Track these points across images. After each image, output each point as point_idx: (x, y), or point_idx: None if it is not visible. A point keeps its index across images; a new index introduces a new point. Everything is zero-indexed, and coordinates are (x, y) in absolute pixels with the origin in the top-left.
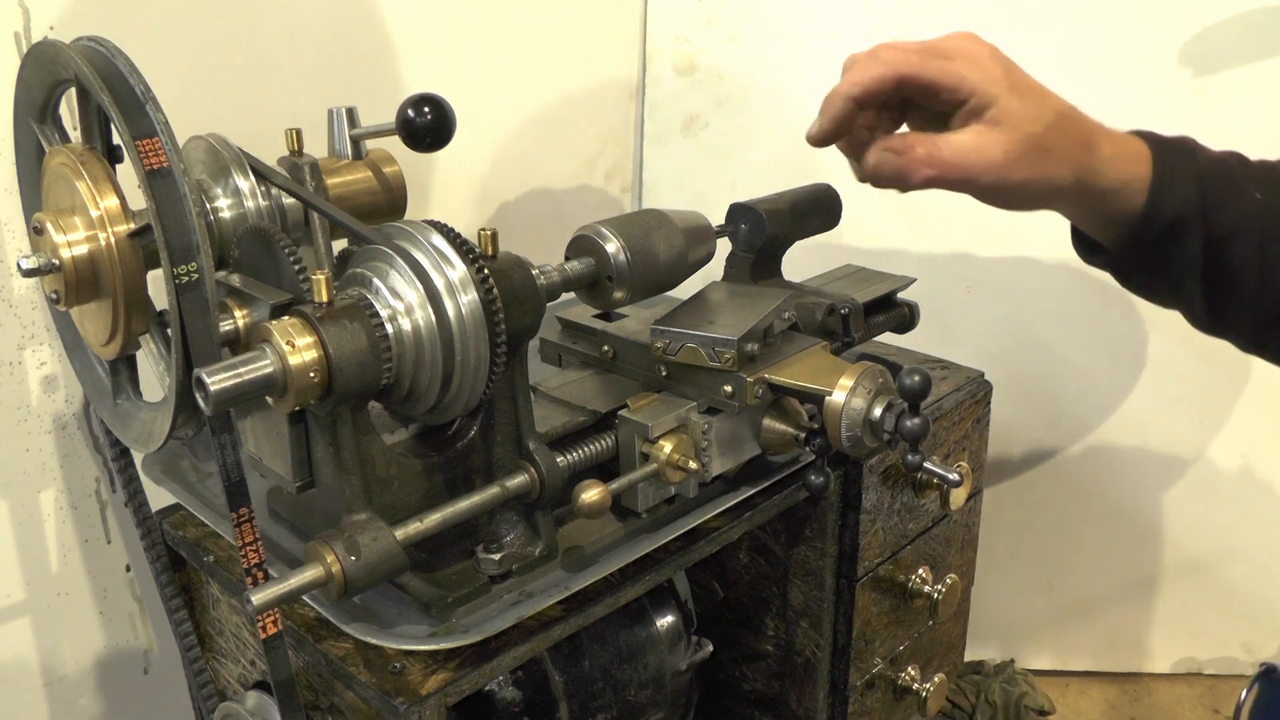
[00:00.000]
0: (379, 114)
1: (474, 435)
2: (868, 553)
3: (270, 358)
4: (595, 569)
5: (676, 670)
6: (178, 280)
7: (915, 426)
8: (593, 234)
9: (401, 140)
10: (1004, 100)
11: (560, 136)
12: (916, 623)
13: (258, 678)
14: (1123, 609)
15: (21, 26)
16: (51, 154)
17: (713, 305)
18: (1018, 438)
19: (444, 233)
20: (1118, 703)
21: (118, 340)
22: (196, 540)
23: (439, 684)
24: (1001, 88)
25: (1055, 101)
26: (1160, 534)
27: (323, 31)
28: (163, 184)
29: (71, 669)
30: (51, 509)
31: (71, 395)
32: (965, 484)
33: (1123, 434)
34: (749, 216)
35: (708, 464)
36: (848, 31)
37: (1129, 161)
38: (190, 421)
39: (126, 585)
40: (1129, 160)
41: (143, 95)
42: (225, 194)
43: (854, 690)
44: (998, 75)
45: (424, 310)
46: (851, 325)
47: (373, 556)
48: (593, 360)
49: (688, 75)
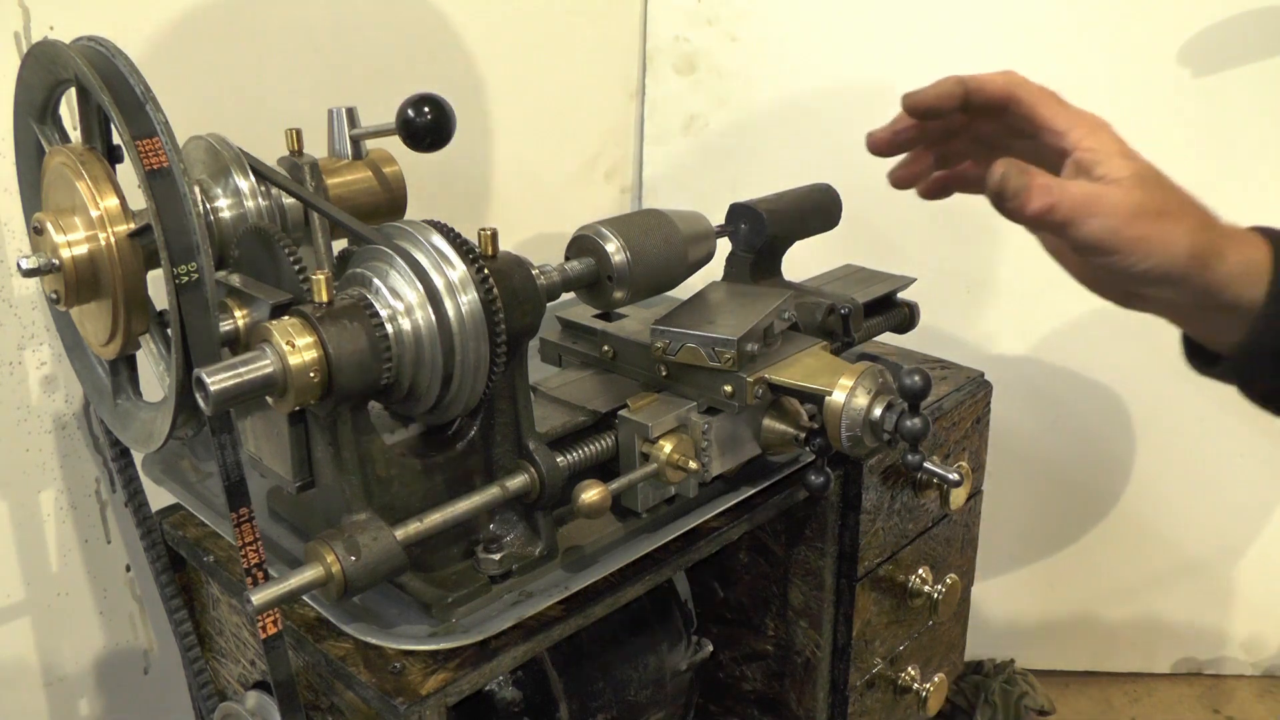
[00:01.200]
0: (379, 114)
1: (474, 435)
2: (868, 553)
3: (270, 358)
4: (595, 569)
5: (676, 670)
6: (178, 280)
7: (915, 426)
8: (593, 234)
9: (401, 140)
10: (1117, 161)
11: (560, 136)
12: (916, 623)
13: (258, 678)
14: (1123, 609)
15: (21, 26)
16: (51, 154)
17: (713, 305)
18: (1018, 438)
19: (444, 233)
20: (1118, 703)
21: (118, 340)
22: (196, 540)
23: (439, 684)
24: (1114, 150)
25: (1170, 182)
26: (1160, 534)
27: (323, 31)
28: (163, 184)
29: (71, 669)
30: (51, 509)
31: (71, 395)
32: (965, 484)
33: (1123, 434)
34: (749, 216)
35: (708, 464)
36: (847, 31)
37: (1247, 246)
38: (190, 421)
39: (126, 585)
40: (1246, 244)
41: (143, 95)
42: (225, 194)
43: (854, 690)
44: (1111, 138)
45: (424, 310)
46: (851, 325)
47: (373, 556)
48: (593, 360)
49: (688, 75)
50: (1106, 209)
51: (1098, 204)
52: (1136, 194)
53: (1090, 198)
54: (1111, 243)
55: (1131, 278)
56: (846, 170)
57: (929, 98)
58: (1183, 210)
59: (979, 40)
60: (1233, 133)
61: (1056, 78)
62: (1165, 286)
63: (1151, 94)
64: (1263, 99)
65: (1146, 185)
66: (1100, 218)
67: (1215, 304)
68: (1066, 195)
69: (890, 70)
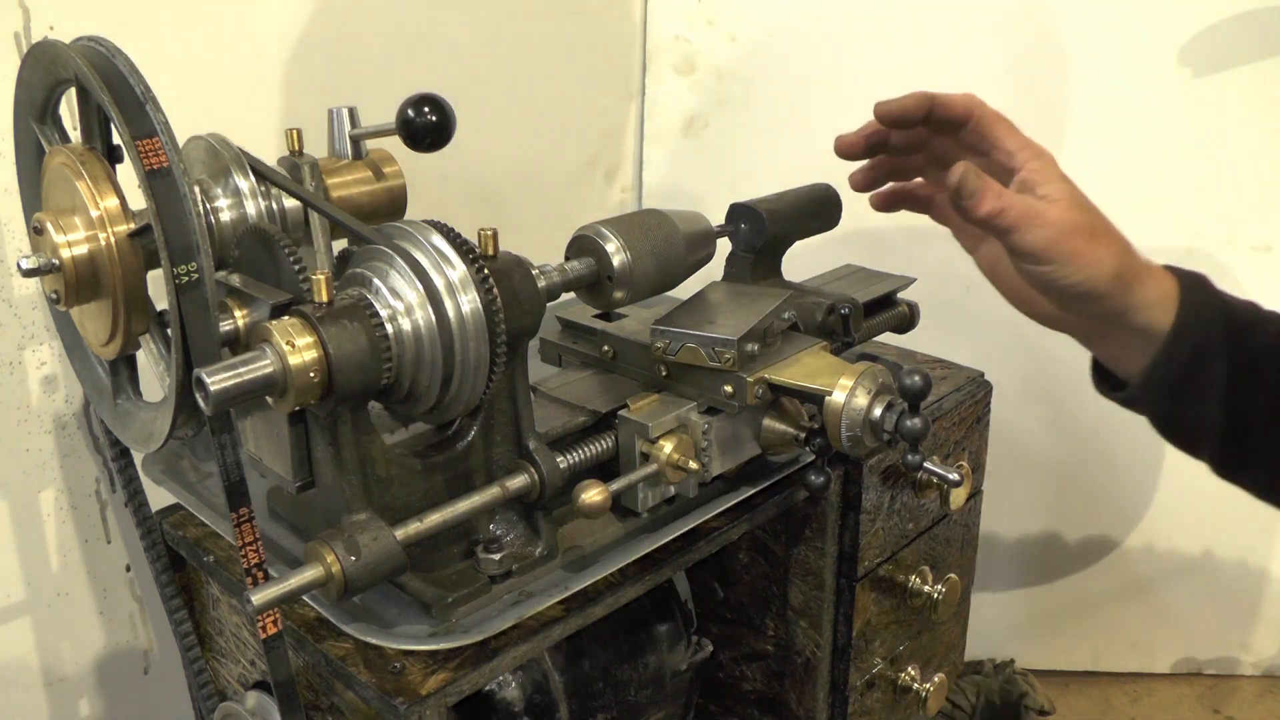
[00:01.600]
0: (379, 114)
1: (474, 435)
2: (868, 553)
3: (270, 358)
4: (595, 569)
5: (676, 670)
6: (178, 280)
7: (915, 426)
8: (593, 234)
9: (401, 140)
10: (1057, 185)
11: (560, 136)
12: (916, 623)
13: (258, 678)
14: (1123, 609)
15: (21, 26)
16: (51, 154)
17: (713, 305)
18: (1018, 438)
19: (444, 233)
20: (1118, 703)
21: (118, 340)
22: (196, 540)
23: (439, 684)
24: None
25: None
26: (1160, 534)
27: (323, 31)
28: (163, 184)
29: (71, 669)
30: (51, 509)
31: (71, 395)
32: (965, 484)
33: (1122, 433)
34: (749, 216)
35: (708, 464)
36: (847, 31)
37: (1161, 279)
38: (190, 421)
39: (126, 585)
40: (1160, 278)
41: (143, 95)
42: (225, 194)
43: (854, 690)
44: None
45: (424, 310)
46: (851, 325)
47: (373, 556)
48: (593, 360)
49: (688, 75)
50: (1047, 222)
51: (1040, 217)
52: (1073, 214)
53: (1034, 210)
54: (1049, 253)
55: (1062, 290)
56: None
57: (899, 107)
58: (1110, 235)
59: (979, 41)
60: (1233, 133)
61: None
62: (1089, 302)
63: (1151, 94)
64: (1263, 99)
65: (1081, 208)
66: (1041, 229)
67: (1128, 327)
68: (1015, 203)
69: (890, 70)
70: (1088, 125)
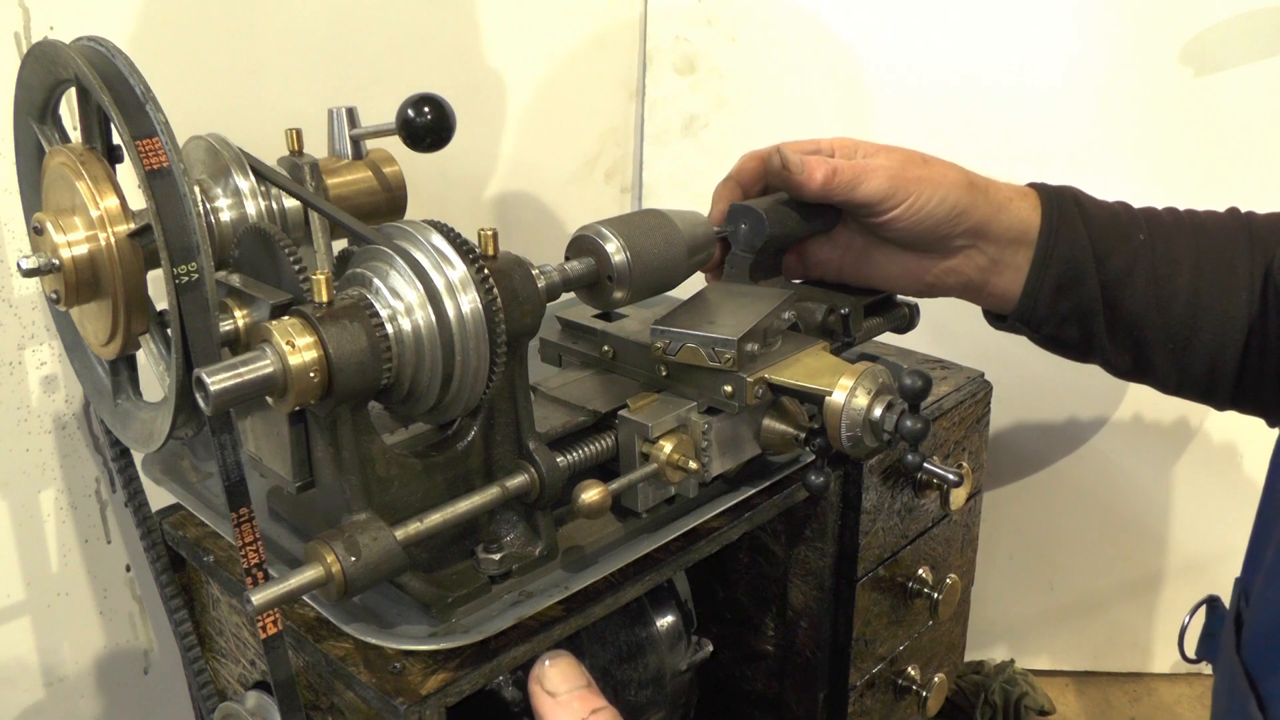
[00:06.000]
0: (379, 114)
1: (474, 435)
2: (868, 553)
3: (270, 358)
4: (595, 569)
5: (676, 670)
6: (178, 280)
7: (915, 427)
8: (593, 234)
9: (401, 140)
10: (869, 146)
11: (560, 136)
12: (916, 623)
13: (258, 678)
14: (1123, 609)
15: (21, 26)
16: (51, 154)
17: (713, 305)
18: (1018, 438)
19: (444, 233)
20: (1118, 703)
21: (118, 340)
22: (196, 540)
23: (439, 684)
24: (864, 143)
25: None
26: (1160, 534)
27: (323, 31)
28: (163, 184)
29: (71, 669)
30: (51, 509)
31: (71, 395)
32: (965, 484)
33: (1122, 434)
34: (749, 216)
35: (708, 464)
36: (847, 30)
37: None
38: (190, 421)
39: (126, 585)
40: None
41: (143, 95)
42: (225, 194)
43: (854, 690)
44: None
45: (424, 310)
46: (851, 325)
47: (373, 556)
48: (593, 360)
49: (688, 75)
50: (879, 166)
51: (870, 169)
52: (898, 154)
53: (862, 166)
54: (895, 190)
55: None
56: None
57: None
58: (942, 160)
59: (979, 41)
60: (1233, 133)
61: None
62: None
63: (1152, 94)
64: (1263, 99)
65: (902, 149)
66: (877, 173)
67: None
68: (844, 164)
69: (890, 70)
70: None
